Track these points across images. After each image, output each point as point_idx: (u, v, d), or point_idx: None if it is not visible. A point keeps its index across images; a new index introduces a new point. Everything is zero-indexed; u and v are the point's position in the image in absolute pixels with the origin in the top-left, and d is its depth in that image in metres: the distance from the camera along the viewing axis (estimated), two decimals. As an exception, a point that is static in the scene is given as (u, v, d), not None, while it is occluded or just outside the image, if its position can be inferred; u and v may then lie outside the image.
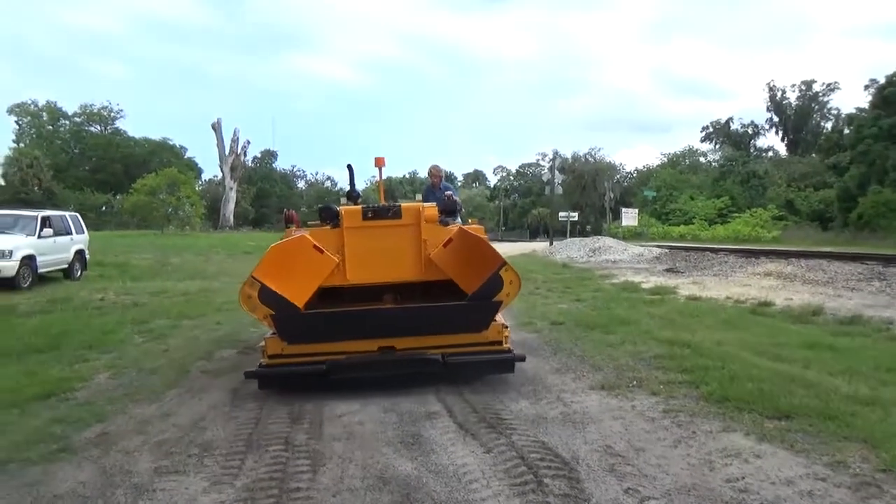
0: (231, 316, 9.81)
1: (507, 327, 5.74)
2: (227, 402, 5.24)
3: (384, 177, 7.88)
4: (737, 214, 50.97)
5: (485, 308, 5.34)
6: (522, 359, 5.75)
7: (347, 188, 7.31)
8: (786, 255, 19.88)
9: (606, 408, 4.83)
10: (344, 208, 6.17)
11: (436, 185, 8.49)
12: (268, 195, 74.19)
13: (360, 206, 6.23)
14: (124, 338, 7.96)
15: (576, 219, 45.01)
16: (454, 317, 5.39)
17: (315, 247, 5.65)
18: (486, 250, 5.60)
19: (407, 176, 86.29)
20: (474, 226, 6.52)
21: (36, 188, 46.67)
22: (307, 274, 5.53)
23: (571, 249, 25.51)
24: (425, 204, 6.23)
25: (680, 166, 71.81)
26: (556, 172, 35.61)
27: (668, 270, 17.22)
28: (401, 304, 5.94)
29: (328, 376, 5.32)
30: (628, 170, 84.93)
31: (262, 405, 5.11)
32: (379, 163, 7.41)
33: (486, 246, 5.61)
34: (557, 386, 5.47)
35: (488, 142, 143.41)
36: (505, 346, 5.63)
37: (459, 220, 7.18)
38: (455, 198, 7.39)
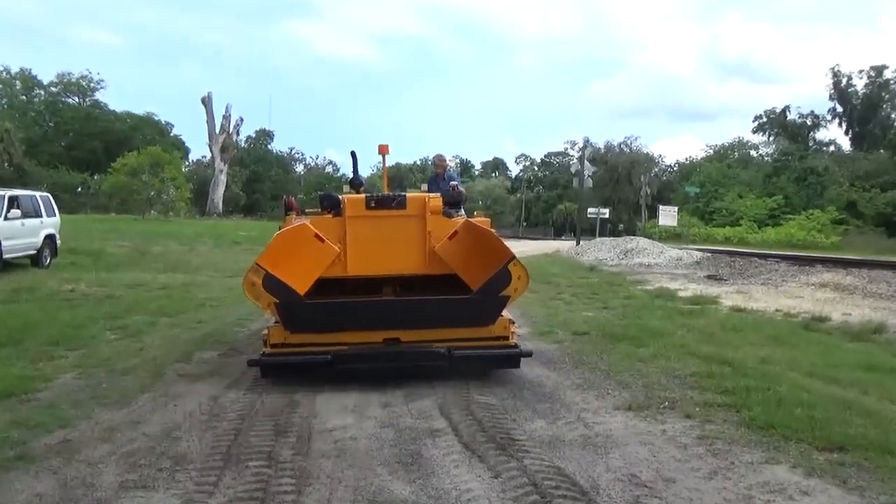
0: (215, 314, 9.86)
1: (513, 322, 6.24)
2: (206, 411, 5.25)
3: (390, 164, 8.13)
4: (791, 216, 50.48)
5: (492, 302, 5.82)
6: (529, 354, 6.29)
7: (350, 175, 7.61)
8: (845, 263, 19.65)
9: (633, 431, 4.78)
10: (346, 196, 6.48)
11: (440, 175, 8.93)
12: (261, 179, 74.59)
13: (363, 195, 6.53)
14: (95, 334, 8.01)
15: (606, 216, 44.82)
16: (461, 310, 5.88)
17: (316, 235, 5.98)
18: (493, 244, 5.94)
19: (418, 163, 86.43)
20: (480, 218, 6.78)
21: (6, 164, 47.21)
22: (307, 263, 5.89)
23: (600, 250, 25.40)
24: (431, 194, 6.53)
25: (727, 160, 71.24)
26: (586, 163, 35.39)
27: (709, 277, 17.09)
28: (396, 297, 6.34)
29: (332, 367, 5.78)
30: (668, 162, 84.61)
31: (244, 415, 5.12)
32: (383, 150, 7.97)
33: (494, 239, 5.97)
34: (578, 404, 5.43)
35: (510, 128, 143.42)
36: (511, 341, 6.14)
37: (463, 211, 7.45)
38: (460, 188, 7.64)
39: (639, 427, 4.87)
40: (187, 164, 68.98)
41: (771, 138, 71.67)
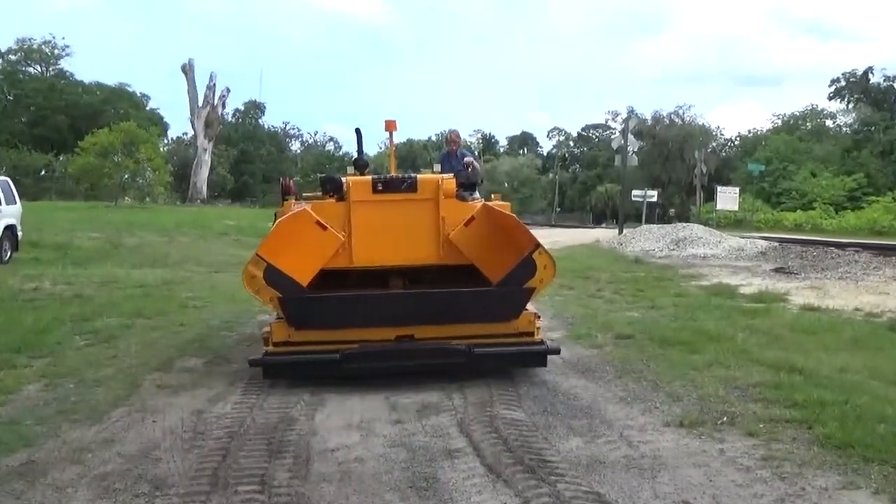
0: (199, 316, 9.95)
1: (539, 317, 6.48)
2: (189, 427, 5.30)
3: (401, 141, 8.27)
4: (874, 198, 49.89)
5: (516, 295, 6.05)
6: (557, 351, 6.60)
7: (354, 154, 7.70)
8: (939, 254, 19.37)
9: (685, 451, 4.76)
10: (351, 178, 6.62)
11: (453, 153, 9.11)
12: (251, 160, 75.10)
13: (369, 177, 6.65)
14: (62, 339, 8.11)
15: (655, 199, 44.55)
16: (481, 304, 6.11)
17: (317, 222, 6.15)
18: (516, 230, 6.09)
19: (433, 139, 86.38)
20: (499, 202, 6.88)
21: (-43, 144, 47.95)
22: (308, 254, 6.09)
23: (647, 240, 25.26)
24: (444, 175, 6.64)
25: (798, 132, 70.48)
26: (631, 137, 35.11)
27: (776, 271, 16.94)
28: (410, 290, 6.55)
29: (340, 367, 6.03)
30: (727, 135, 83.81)
31: (233, 432, 5.16)
32: (390, 127, 8.15)
33: (517, 225, 6.11)
34: (621, 420, 5.42)
35: (541, 97, 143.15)
36: (537, 337, 6.40)
37: (478, 194, 7.54)
38: (476, 165, 7.71)
39: (692, 446, 4.84)
40: (166, 142, 69.67)
41: (850, 106, 70.53)
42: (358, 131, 7.94)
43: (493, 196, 7.37)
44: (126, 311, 9.97)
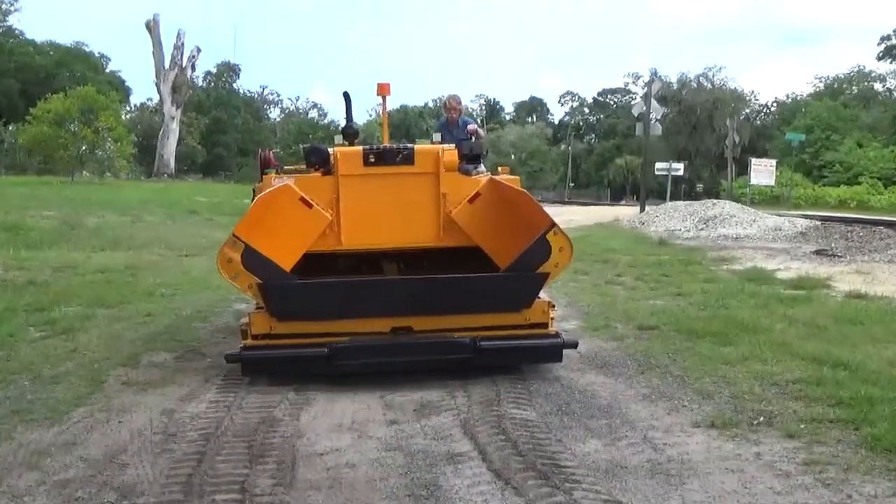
0: (168, 305, 9.95)
1: (553, 306, 6.47)
2: (159, 429, 5.31)
3: (394, 108, 8.30)
4: (929, 171, 49.86)
5: (528, 281, 6.01)
6: (574, 345, 6.52)
7: (342, 122, 7.68)
8: None
9: (717, 455, 4.78)
10: (339, 150, 6.57)
11: (453, 121, 9.13)
12: (225, 129, 74.97)
13: (359, 148, 6.63)
14: (14, 331, 8.11)
15: (681, 173, 44.45)
16: (490, 291, 6.07)
17: (301, 199, 6.14)
18: (527, 208, 6.06)
19: (430, 105, 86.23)
20: (508, 176, 6.91)
21: None
22: (291, 235, 6.09)
23: (673, 218, 25.25)
24: (445, 146, 6.64)
25: (843, 96, 70.28)
26: (654, 103, 35.00)
27: (818, 253, 16.93)
28: (408, 276, 6.59)
29: (329, 363, 6.01)
30: (763, 101, 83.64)
31: (209, 434, 5.18)
32: (383, 91, 7.98)
33: (528, 202, 6.08)
34: (644, 420, 5.44)
35: (552, 57, 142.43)
36: (551, 328, 6.40)
37: (483, 167, 7.53)
38: (480, 132, 7.66)
39: (725, 449, 4.86)
40: (129, 109, 69.44)
41: (902, 67, 70.38)
42: (346, 95, 7.88)
43: (499, 169, 7.39)
44: (86, 299, 9.97)
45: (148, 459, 4.75)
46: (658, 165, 42.78)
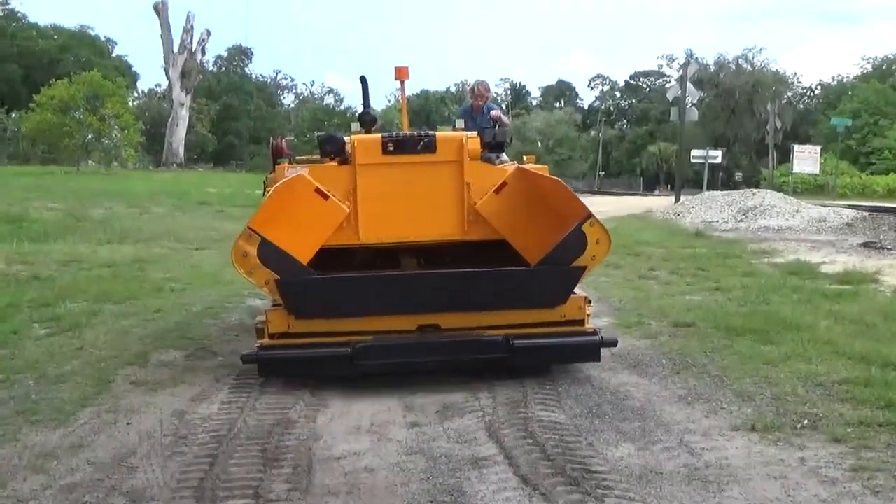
0: (177, 300, 10.01)
1: (589, 302, 6.48)
2: (169, 431, 5.34)
3: (415, 92, 8.28)
4: (985, 158, 49.28)
5: (564, 275, 5.98)
6: (614, 343, 6.51)
7: (359, 109, 7.64)
8: None
9: (758, 460, 4.75)
10: (356, 137, 6.52)
11: (478, 108, 9.03)
12: (237, 116, 75.32)
13: (378, 136, 6.57)
14: (18, 328, 8.19)
15: (718, 160, 44.22)
16: (524, 286, 6.01)
17: (317, 190, 6.08)
18: (561, 197, 6.02)
19: (452, 90, 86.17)
20: (535, 165, 6.88)
21: None
22: (307, 228, 6.06)
23: (710, 209, 25.09)
24: (468, 133, 6.59)
25: (893, 78, 69.48)
26: (690, 86, 34.74)
27: (865, 246, 16.77)
28: (436, 270, 6.52)
29: (352, 363, 5.96)
30: (806, 83, 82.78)
31: (221, 437, 5.21)
32: (401, 75, 8.05)
33: (562, 191, 6.02)
34: (680, 423, 5.42)
35: (581, 38, 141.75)
36: (588, 326, 6.39)
37: (506, 156, 7.49)
38: (505, 120, 7.60)
39: (766, 454, 4.83)
40: (136, 95, 69.87)
41: (956, 47, 69.53)
42: (363, 80, 7.85)
43: (524, 158, 7.34)
44: (93, 294, 10.04)
45: (158, 463, 4.78)
46: (694, 153, 42.56)
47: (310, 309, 5.96)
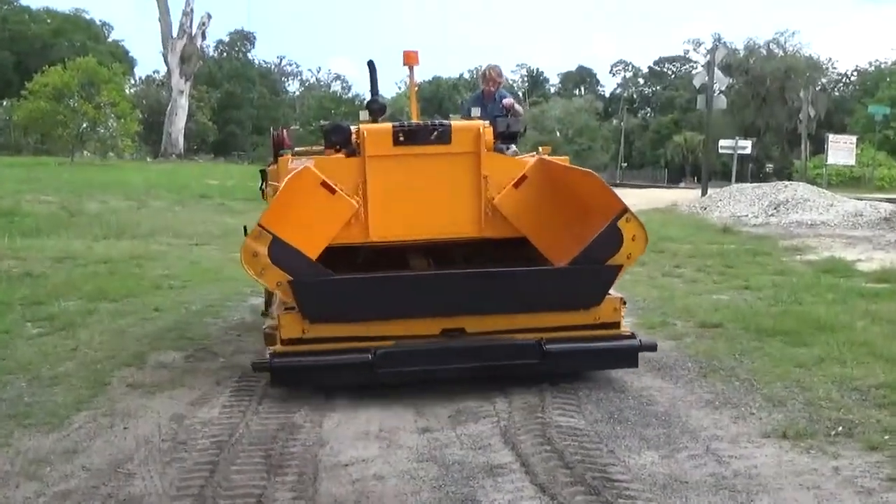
0: (176, 298, 10.04)
1: (624, 303, 6.39)
2: (168, 436, 5.36)
3: (426, 79, 8.23)
4: None
5: (599, 275, 5.90)
6: (653, 347, 6.45)
7: (368, 96, 7.60)
8: None
9: (790, 469, 4.74)
10: (365, 127, 6.46)
11: (490, 95, 8.92)
12: (239, 104, 75.42)
13: (388, 125, 6.53)
14: (10, 328, 8.25)
15: (748, 151, 43.91)
16: (557, 287, 5.98)
17: (324, 184, 6.03)
18: (592, 190, 5.95)
19: (466, 77, 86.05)
20: (555, 157, 6.83)
21: None
22: (314, 225, 6.01)
23: (739, 202, 25.01)
24: (483, 122, 6.53)
25: (935, 64, 69.03)
26: (718, 73, 34.59)
27: (904, 242, 16.68)
28: (462, 269, 6.45)
29: (373, 371, 5.84)
30: (841, 69, 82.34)
31: (222, 442, 5.22)
32: (410, 59, 7.89)
33: (594, 183, 5.96)
34: (707, 429, 5.42)
35: (601, 22, 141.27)
36: (624, 328, 6.30)
37: (515, 147, 7.43)
38: (517, 108, 7.53)
39: (798, 463, 4.82)
40: (133, 82, 70.02)
41: None
42: (371, 65, 7.83)
43: (540, 149, 7.27)
44: (88, 292, 10.08)
45: (156, 469, 4.80)
46: (722, 143, 42.27)
47: (327, 312, 5.85)
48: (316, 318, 5.85)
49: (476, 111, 7.40)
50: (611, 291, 6.16)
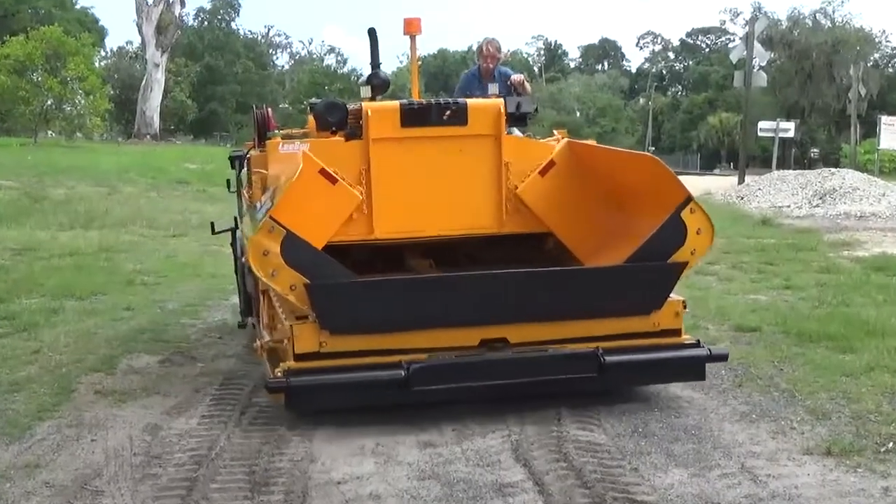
0: (151, 296, 10.05)
1: (685, 306, 6.18)
2: (141, 449, 5.36)
3: (430, 52, 8.07)
4: None
5: (662, 275, 5.71)
6: (723, 357, 6.27)
7: (366, 72, 7.44)
8: None
9: (835, 489, 4.73)
10: (368, 105, 6.23)
11: (487, 73, 8.81)
12: (221, 80, 75.28)
13: (395, 103, 6.33)
14: (-34, 328, 8.26)
15: (791, 134, 44.09)
16: (615, 289, 5.77)
17: (322, 172, 5.81)
18: (646, 176, 5.73)
19: (473, 49, 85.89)
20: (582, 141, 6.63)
21: None
22: (316, 220, 5.78)
23: (780, 192, 24.99)
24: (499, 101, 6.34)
25: None
26: (758, 46, 34.57)
27: (965, 237, 16.65)
28: (506, 270, 6.10)
29: (407, 389, 5.51)
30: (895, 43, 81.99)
31: (201, 457, 5.22)
32: (411, 28, 7.57)
33: (652, 167, 5.68)
34: (742, 444, 5.41)
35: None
36: (686, 336, 6.14)
37: (517, 131, 7.21)
38: (527, 86, 7.45)
39: (844, 483, 4.81)
40: (104, 55, 69.95)
41: None
42: (372, 34, 7.56)
43: (555, 132, 7.06)
44: (52, 288, 10.10)
45: (127, 487, 4.79)
46: (762, 125, 42.34)
47: (351, 321, 5.54)
48: (338, 328, 5.53)
49: (494, 88, 7.21)
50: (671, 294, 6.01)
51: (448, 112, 6.13)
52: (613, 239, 5.82)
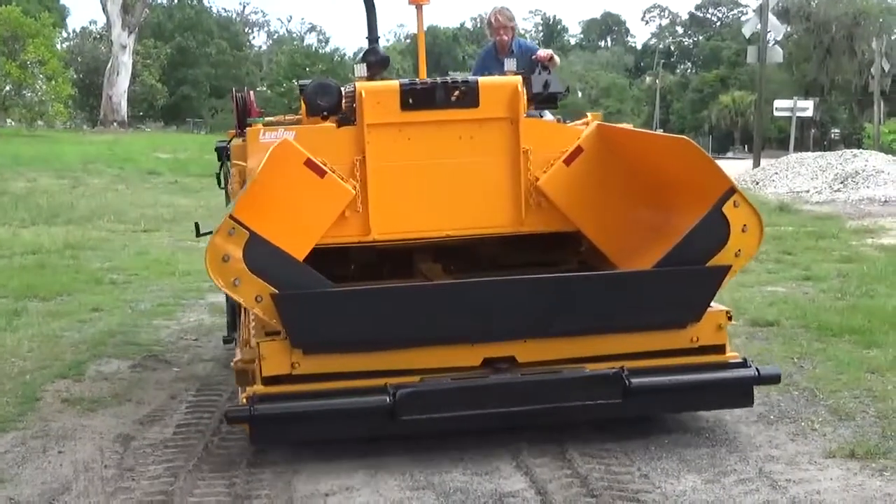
0: (120, 296, 10.04)
1: (730, 317, 5.67)
2: (112, 461, 5.36)
3: (414, 31, 7.76)
4: None
5: (700, 280, 5.30)
6: (775, 379, 5.71)
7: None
8: None
9: (859, 495, 4.73)
10: (362, 86, 5.86)
11: (504, 47, 8.25)
12: (194, 62, 75.06)
13: (394, 83, 5.98)
14: (-79, 332, 8.24)
15: (809, 113, 44.05)
16: (644, 297, 5.33)
17: (309, 163, 5.46)
18: (684, 164, 5.38)
19: (469, 26, 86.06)
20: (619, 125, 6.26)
21: None
22: (296, 218, 5.47)
23: (798, 176, 25.04)
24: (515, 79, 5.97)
25: None
26: (773, 19, 34.63)
27: None
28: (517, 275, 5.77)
29: (394, 419, 5.11)
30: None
31: (177, 469, 5.22)
32: None
33: (690, 153, 5.29)
34: (760, 447, 5.42)
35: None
36: (731, 353, 5.62)
37: (549, 115, 6.89)
38: (557, 62, 7.19)
39: (869, 487, 4.82)
40: (66, 36, 69.79)
41: None
42: (369, 2, 7.33)
43: (588, 115, 6.55)
44: (13, 289, 10.10)
45: (98, 502, 4.79)
46: (778, 104, 42.32)
47: (328, 338, 5.13)
48: (312, 346, 5.13)
49: (510, 63, 6.52)
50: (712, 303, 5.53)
51: (456, 93, 5.78)
52: (651, 237, 5.50)
